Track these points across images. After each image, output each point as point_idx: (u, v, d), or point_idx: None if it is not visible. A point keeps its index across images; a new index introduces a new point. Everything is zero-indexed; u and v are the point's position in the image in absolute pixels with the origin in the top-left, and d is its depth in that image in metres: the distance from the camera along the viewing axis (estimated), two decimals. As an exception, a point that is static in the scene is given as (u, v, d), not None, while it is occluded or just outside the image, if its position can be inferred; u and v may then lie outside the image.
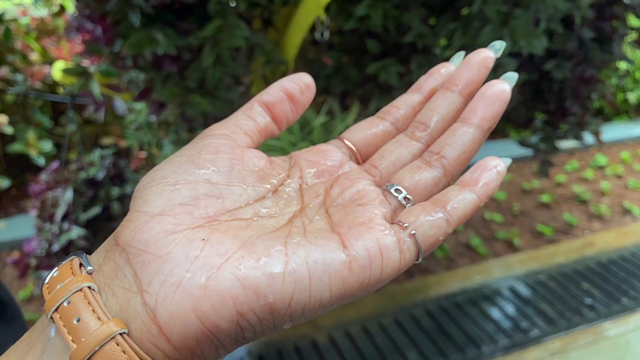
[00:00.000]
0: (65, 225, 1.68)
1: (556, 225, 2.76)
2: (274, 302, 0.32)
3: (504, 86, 0.42)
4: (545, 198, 2.98)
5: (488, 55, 0.45)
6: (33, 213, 1.75)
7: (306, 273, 0.33)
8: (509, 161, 0.42)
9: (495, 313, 2.15)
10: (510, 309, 2.18)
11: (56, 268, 0.35)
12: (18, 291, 2.23)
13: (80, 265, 0.35)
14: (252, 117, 0.43)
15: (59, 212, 1.69)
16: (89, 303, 0.32)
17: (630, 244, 2.60)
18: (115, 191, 1.78)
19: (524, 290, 2.28)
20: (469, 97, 0.44)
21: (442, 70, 0.48)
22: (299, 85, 0.45)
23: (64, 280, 0.33)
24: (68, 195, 1.70)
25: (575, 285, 2.31)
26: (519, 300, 2.23)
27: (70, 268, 0.34)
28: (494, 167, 0.41)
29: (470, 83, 0.44)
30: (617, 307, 2.18)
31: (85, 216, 1.71)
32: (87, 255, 0.36)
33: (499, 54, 0.45)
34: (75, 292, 0.32)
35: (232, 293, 0.31)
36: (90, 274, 0.34)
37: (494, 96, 0.42)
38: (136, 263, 0.33)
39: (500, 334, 2.04)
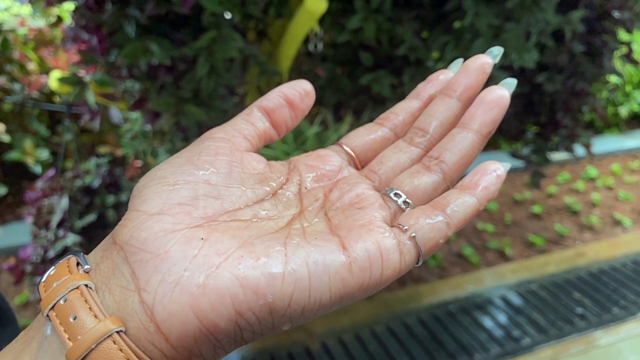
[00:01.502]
0: (61, 232, 1.68)
1: (547, 236, 2.77)
2: (273, 302, 0.32)
3: (503, 92, 0.42)
4: (536, 209, 2.99)
5: (486, 61, 0.44)
6: (29, 220, 1.75)
7: (306, 273, 0.33)
8: (508, 165, 0.41)
9: (487, 322, 2.15)
10: (502, 317, 2.18)
11: (53, 267, 0.35)
12: (14, 297, 2.22)
13: (78, 264, 0.34)
14: (252, 122, 0.43)
15: (55, 219, 1.69)
16: (85, 301, 0.31)
17: (620, 254, 2.61)
18: (110, 199, 1.78)
19: (515, 300, 2.29)
20: (467, 102, 0.44)
21: (441, 77, 0.48)
22: (299, 92, 0.45)
23: (60, 279, 0.33)
24: (64, 202, 1.71)
25: (566, 295, 2.32)
26: (511, 309, 2.23)
27: (67, 267, 0.34)
28: (493, 170, 0.40)
29: (468, 89, 0.44)
30: (608, 317, 2.19)
31: (80, 223, 1.71)
32: (85, 255, 0.36)
33: (496, 60, 0.45)
34: (72, 290, 0.32)
35: (231, 292, 0.31)
36: (88, 272, 0.34)
37: (493, 101, 0.42)
38: (134, 261, 0.32)
39: (493, 342, 2.05)
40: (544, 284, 2.39)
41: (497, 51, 0.45)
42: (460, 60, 0.47)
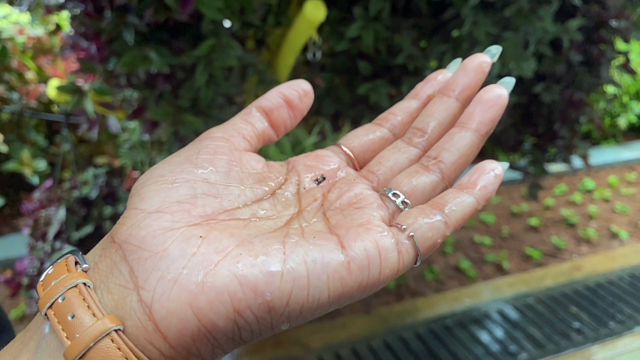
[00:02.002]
0: (58, 244, 1.67)
1: (545, 249, 2.76)
2: (271, 300, 0.32)
3: (502, 91, 0.42)
4: (533, 221, 2.99)
5: (484, 60, 0.45)
6: (26, 232, 1.74)
7: (304, 272, 0.33)
8: (506, 165, 0.42)
9: (484, 336, 2.15)
10: (499, 332, 2.18)
11: (51, 266, 0.35)
12: (10, 310, 2.20)
13: (76, 263, 0.34)
14: (251, 122, 0.43)
15: (52, 231, 1.68)
16: (84, 299, 0.31)
17: (617, 267, 2.61)
18: (107, 210, 1.78)
19: (512, 314, 2.28)
20: (465, 102, 0.44)
21: (439, 77, 0.48)
22: (298, 92, 0.45)
23: (58, 277, 0.33)
24: (61, 213, 1.70)
25: (563, 309, 2.31)
26: (508, 323, 2.23)
27: (66, 265, 0.34)
28: (491, 170, 0.40)
29: (466, 88, 0.44)
30: (604, 331, 2.18)
31: (77, 235, 1.70)
32: (83, 254, 0.36)
33: (495, 59, 0.45)
34: (70, 288, 0.32)
35: (230, 290, 0.31)
36: (86, 271, 0.34)
37: (491, 100, 0.42)
38: (132, 260, 0.32)
39: (489, 357, 2.04)
40: (541, 297, 2.39)
41: (496, 50, 0.45)
42: (459, 59, 0.47)
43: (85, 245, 1.71)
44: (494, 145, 1.96)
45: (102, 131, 1.85)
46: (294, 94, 0.45)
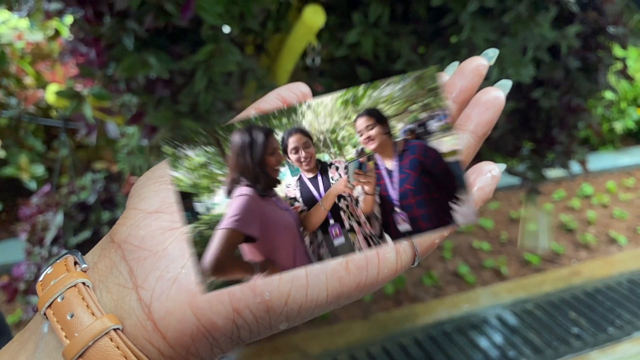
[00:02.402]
0: (55, 249, 1.66)
1: (543, 254, 2.77)
2: (270, 300, 0.32)
3: (499, 93, 0.42)
4: (532, 227, 2.98)
5: (481, 62, 0.44)
6: (23, 237, 1.73)
7: (303, 272, 0.33)
8: (503, 167, 0.42)
9: (483, 342, 2.15)
10: (498, 337, 2.17)
11: (50, 266, 0.35)
12: (6, 316, 2.20)
13: (75, 263, 0.35)
14: None
15: (49, 236, 1.67)
16: (83, 299, 0.32)
17: (616, 273, 2.61)
18: (105, 215, 1.77)
19: (511, 319, 2.28)
20: (462, 104, 0.44)
21: None
22: (296, 94, 0.45)
23: (58, 277, 0.33)
24: (58, 219, 1.69)
25: (562, 314, 2.31)
26: (507, 329, 2.22)
27: (65, 265, 0.34)
28: (489, 171, 0.41)
29: (464, 90, 0.44)
30: (603, 337, 2.18)
31: (75, 240, 1.69)
32: (82, 254, 0.36)
33: (492, 62, 0.45)
34: (70, 287, 0.32)
35: (229, 289, 0.31)
36: (85, 271, 0.34)
37: (488, 102, 0.42)
38: (132, 259, 0.33)
39: (488, 362, 2.04)
40: (539, 303, 2.39)
41: (493, 53, 0.45)
42: (456, 63, 0.47)
43: (83, 251, 1.69)
44: (492, 151, 1.96)
45: (101, 136, 1.84)
46: (293, 97, 0.45)
